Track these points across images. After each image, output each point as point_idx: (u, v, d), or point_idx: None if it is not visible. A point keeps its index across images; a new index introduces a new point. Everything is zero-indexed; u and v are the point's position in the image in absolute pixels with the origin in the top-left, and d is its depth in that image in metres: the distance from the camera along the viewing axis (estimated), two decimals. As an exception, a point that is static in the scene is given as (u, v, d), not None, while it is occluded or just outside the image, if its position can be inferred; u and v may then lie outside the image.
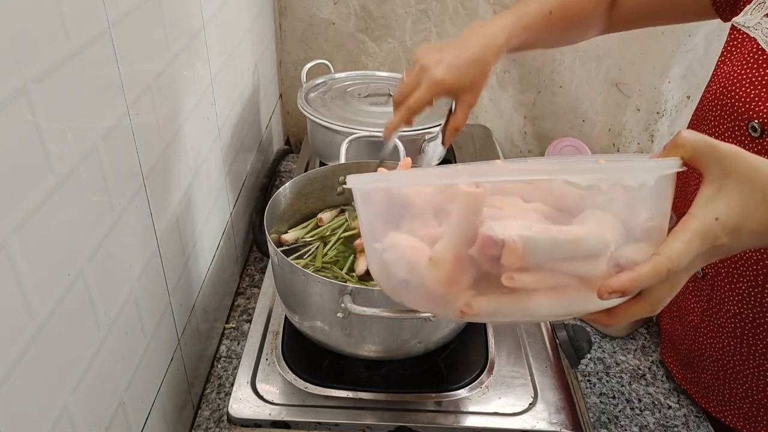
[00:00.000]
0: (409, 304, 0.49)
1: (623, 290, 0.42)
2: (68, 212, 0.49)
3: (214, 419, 0.82)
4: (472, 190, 0.41)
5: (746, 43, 0.69)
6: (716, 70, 0.74)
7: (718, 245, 0.44)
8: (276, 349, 0.78)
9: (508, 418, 0.70)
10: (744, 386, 0.78)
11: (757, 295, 0.72)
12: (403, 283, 0.46)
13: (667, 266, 0.42)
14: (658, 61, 1.41)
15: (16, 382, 0.43)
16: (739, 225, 0.44)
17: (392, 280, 0.47)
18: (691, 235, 0.43)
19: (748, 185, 0.44)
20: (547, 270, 0.42)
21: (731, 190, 0.44)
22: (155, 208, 0.68)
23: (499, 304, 0.43)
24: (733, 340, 0.77)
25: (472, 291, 0.43)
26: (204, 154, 0.86)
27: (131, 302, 0.63)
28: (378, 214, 0.48)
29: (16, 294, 0.43)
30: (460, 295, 0.44)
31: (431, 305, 0.47)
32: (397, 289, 0.48)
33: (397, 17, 1.41)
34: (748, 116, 0.67)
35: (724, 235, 0.43)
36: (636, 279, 0.42)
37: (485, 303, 0.43)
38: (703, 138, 0.45)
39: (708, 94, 0.74)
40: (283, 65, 1.50)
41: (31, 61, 0.43)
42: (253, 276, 1.09)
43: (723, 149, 0.44)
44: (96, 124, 0.54)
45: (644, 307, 0.45)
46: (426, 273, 0.44)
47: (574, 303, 0.44)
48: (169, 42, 0.71)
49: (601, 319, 0.46)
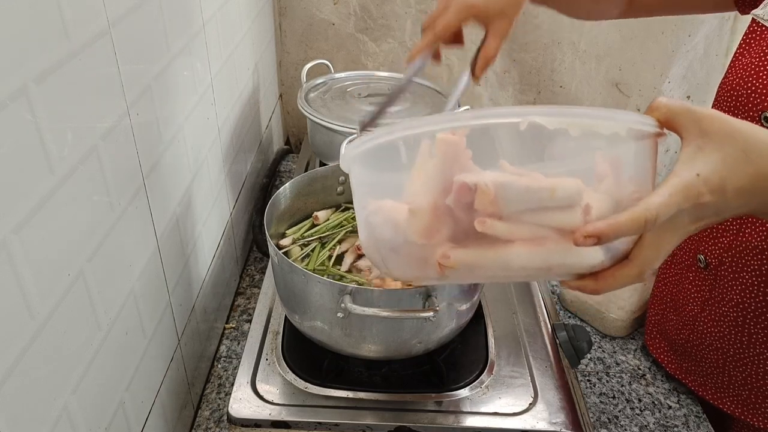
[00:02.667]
0: (396, 271, 0.50)
1: (599, 234, 0.41)
2: (68, 212, 0.49)
3: (214, 419, 0.82)
4: (447, 137, 0.42)
5: (765, 35, 0.69)
6: (733, 61, 0.74)
7: (702, 203, 0.43)
8: (276, 349, 0.78)
9: (508, 418, 0.70)
10: (744, 374, 0.79)
11: (761, 285, 0.73)
12: (388, 246, 0.47)
13: (645, 215, 0.41)
14: (658, 61, 1.41)
15: (16, 382, 0.43)
16: (722, 181, 0.43)
17: (379, 245, 0.49)
18: (672, 189, 0.43)
19: (727, 142, 0.43)
20: (523, 221, 0.43)
21: (711, 148, 0.43)
22: (155, 208, 0.68)
23: (476, 256, 0.44)
24: (734, 329, 0.78)
25: (450, 243, 0.44)
26: (204, 154, 0.86)
27: (131, 302, 0.63)
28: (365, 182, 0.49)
29: (16, 294, 0.43)
30: (438, 247, 0.44)
31: (414, 266, 0.48)
32: (385, 254, 0.49)
33: (397, 17, 1.41)
34: (762, 107, 0.67)
35: (708, 192, 0.43)
36: (613, 224, 0.41)
37: (462, 255, 0.44)
38: (679, 101, 0.45)
39: (725, 85, 0.74)
40: (283, 65, 1.50)
41: (31, 61, 0.43)
42: (253, 276, 1.09)
43: (698, 110, 0.44)
44: (96, 124, 0.54)
45: (632, 270, 0.45)
46: (406, 226, 0.45)
47: (553, 255, 0.44)
48: (169, 42, 0.71)
49: (588, 285, 0.46)
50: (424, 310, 0.66)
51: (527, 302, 0.88)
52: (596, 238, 0.41)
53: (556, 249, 0.43)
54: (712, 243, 0.79)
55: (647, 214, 0.42)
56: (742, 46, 0.73)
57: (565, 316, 1.03)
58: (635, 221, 0.41)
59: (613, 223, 0.41)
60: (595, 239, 0.41)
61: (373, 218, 0.48)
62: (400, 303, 0.67)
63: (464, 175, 0.42)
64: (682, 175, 0.43)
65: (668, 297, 0.89)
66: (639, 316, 0.98)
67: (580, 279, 0.46)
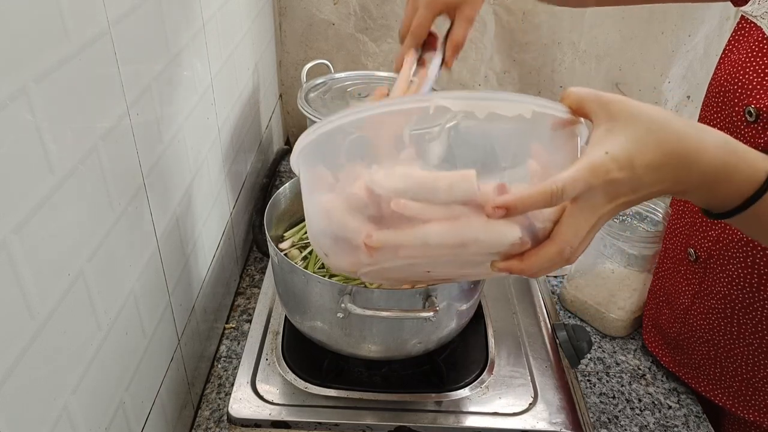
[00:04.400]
0: (334, 259, 0.53)
1: (506, 205, 0.43)
2: (68, 212, 0.49)
3: (214, 419, 0.82)
4: (356, 134, 0.47)
5: (753, 32, 0.70)
6: (722, 58, 0.75)
7: (612, 179, 0.44)
8: (276, 349, 0.78)
9: (508, 418, 0.70)
10: (734, 365, 0.80)
11: (747, 276, 0.74)
12: (326, 235, 0.52)
13: (551, 187, 0.43)
14: (658, 61, 1.41)
15: (16, 382, 0.43)
16: (630, 157, 0.45)
17: (317, 237, 0.53)
18: (580, 165, 0.45)
19: (633, 122, 0.46)
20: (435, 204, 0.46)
21: (619, 129, 0.46)
22: (155, 208, 0.68)
23: (397, 234, 0.47)
24: (723, 321, 0.79)
25: (373, 225, 0.48)
26: (204, 154, 0.86)
27: (131, 302, 0.63)
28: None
29: (16, 294, 0.43)
30: (362, 228, 0.48)
31: (348, 252, 0.51)
32: (323, 243, 0.53)
33: (397, 17, 1.41)
34: (746, 102, 0.68)
35: (617, 169, 0.44)
36: (519, 196, 0.44)
37: (384, 234, 0.47)
38: (587, 89, 0.48)
39: (713, 82, 0.75)
40: (283, 65, 1.50)
41: (31, 61, 0.43)
42: (253, 276, 1.09)
43: (606, 96, 0.47)
44: (96, 124, 0.54)
45: (551, 248, 0.46)
46: (334, 212, 0.50)
47: (467, 230, 0.46)
48: (169, 42, 0.71)
49: (514, 264, 0.47)
50: (424, 310, 0.66)
51: (527, 302, 0.88)
52: (505, 209, 0.44)
53: (469, 224, 0.46)
54: (701, 236, 0.79)
55: (553, 186, 0.44)
56: (731, 43, 0.74)
57: (565, 316, 1.03)
58: (541, 193, 0.44)
59: (520, 195, 0.44)
60: (503, 210, 0.43)
61: (310, 209, 0.53)
62: (400, 303, 0.67)
63: (369, 180, 0.47)
64: (590, 153, 0.45)
65: (662, 292, 0.90)
66: (639, 316, 0.98)
67: (505, 261, 0.48)
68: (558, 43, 1.42)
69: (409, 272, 0.54)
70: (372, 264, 0.50)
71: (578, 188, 0.44)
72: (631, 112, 0.46)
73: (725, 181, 0.48)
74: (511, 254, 0.47)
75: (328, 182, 0.51)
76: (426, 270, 0.54)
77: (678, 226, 0.85)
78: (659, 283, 0.91)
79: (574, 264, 0.99)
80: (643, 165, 0.45)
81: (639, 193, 0.46)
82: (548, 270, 0.48)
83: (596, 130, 0.47)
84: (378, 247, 0.48)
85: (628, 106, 0.47)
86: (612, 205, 0.46)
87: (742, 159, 0.48)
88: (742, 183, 0.48)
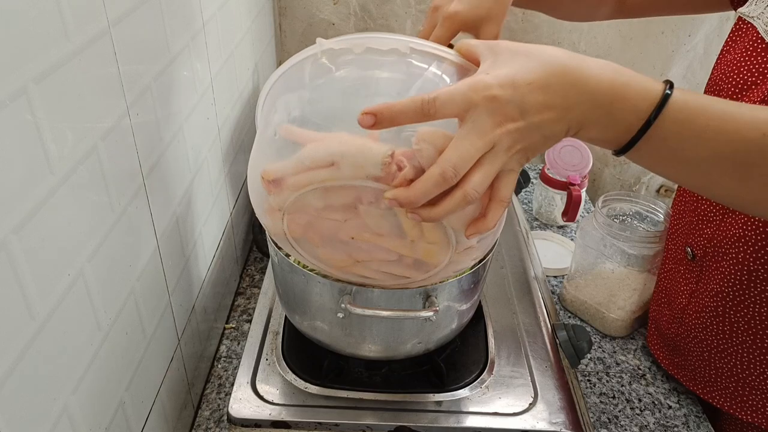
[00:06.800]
0: (261, 217, 0.62)
1: (375, 112, 0.44)
2: (68, 212, 0.49)
3: (214, 419, 0.82)
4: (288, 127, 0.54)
5: (749, 32, 0.70)
6: (719, 58, 0.75)
7: (493, 95, 0.44)
8: (276, 349, 0.78)
9: (508, 418, 0.70)
10: (729, 365, 0.79)
11: (737, 273, 0.73)
12: (252, 192, 0.60)
13: (422, 96, 0.44)
14: (658, 61, 1.41)
15: (16, 382, 0.43)
16: (512, 76, 0.45)
17: (253, 200, 0.61)
18: (458, 83, 0.45)
19: (515, 52, 0.47)
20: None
21: (502, 60, 0.47)
22: (155, 208, 0.68)
23: (284, 164, 0.52)
24: (716, 319, 0.78)
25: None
26: (204, 154, 0.86)
27: (131, 302, 0.63)
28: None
29: (16, 294, 0.43)
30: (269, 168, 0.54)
31: (264, 200, 0.57)
32: (256, 207, 0.61)
33: (397, 17, 1.41)
34: (741, 101, 0.68)
35: (497, 86, 0.44)
36: (388, 104, 0.45)
37: (274, 165, 0.53)
38: (476, 39, 0.52)
39: (710, 82, 0.76)
40: (283, 65, 1.50)
41: (31, 61, 0.43)
42: (253, 276, 1.09)
43: (493, 41, 0.50)
44: (96, 124, 0.54)
45: (434, 169, 0.45)
46: (255, 163, 0.59)
47: (337, 145, 0.49)
48: (169, 42, 0.71)
49: (400, 194, 0.47)
50: (424, 310, 0.66)
51: (527, 302, 0.88)
52: (373, 116, 0.44)
53: (339, 139, 0.48)
54: (698, 234, 0.79)
55: (424, 96, 0.44)
56: (728, 43, 0.74)
57: (565, 316, 1.03)
58: (412, 101, 0.44)
59: (389, 104, 0.45)
60: (372, 117, 0.44)
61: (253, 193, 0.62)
62: (400, 303, 0.67)
63: (264, 170, 0.54)
64: (471, 77, 0.46)
65: (664, 293, 0.90)
66: (639, 316, 0.98)
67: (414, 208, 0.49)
68: (558, 43, 1.42)
69: (331, 236, 0.56)
70: (279, 205, 0.54)
71: (456, 101, 0.44)
72: (514, 47, 0.47)
73: (619, 100, 0.47)
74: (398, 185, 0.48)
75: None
76: (349, 236, 0.56)
77: (678, 226, 0.85)
78: (661, 284, 0.91)
79: (574, 264, 1.00)
80: (525, 83, 0.45)
81: (529, 118, 0.45)
82: (432, 194, 0.46)
83: (481, 66, 0.48)
84: (271, 179, 0.52)
85: (512, 43, 0.48)
86: (501, 130, 0.45)
87: (631, 77, 0.47)
88: (639, 100, 0.47)
